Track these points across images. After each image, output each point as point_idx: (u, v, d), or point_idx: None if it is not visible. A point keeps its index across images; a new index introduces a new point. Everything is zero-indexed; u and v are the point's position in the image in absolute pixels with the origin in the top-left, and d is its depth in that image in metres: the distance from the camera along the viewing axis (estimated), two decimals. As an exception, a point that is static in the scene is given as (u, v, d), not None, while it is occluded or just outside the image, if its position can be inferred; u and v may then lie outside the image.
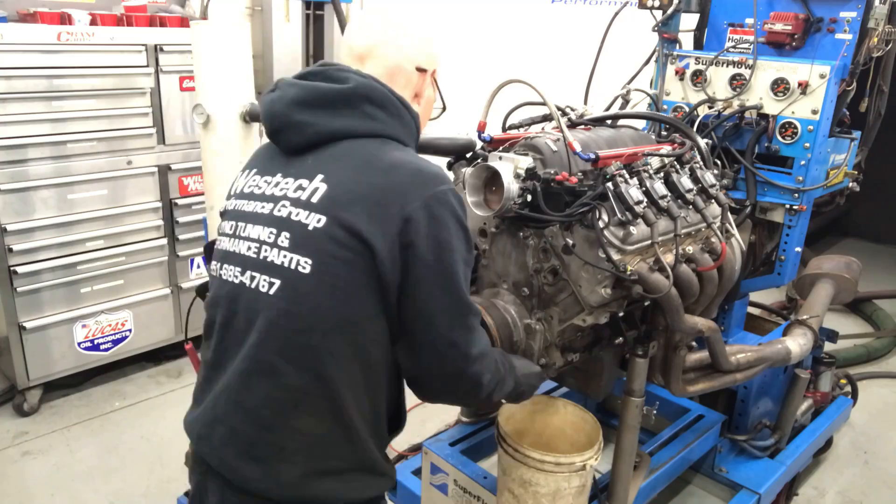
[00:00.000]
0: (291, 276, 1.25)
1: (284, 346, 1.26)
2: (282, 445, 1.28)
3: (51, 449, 3.23)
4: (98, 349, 3.61)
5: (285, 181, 1.33)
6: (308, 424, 1.28)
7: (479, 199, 1.74)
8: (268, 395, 1.28)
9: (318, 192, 1.27)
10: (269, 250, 1.29)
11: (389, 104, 1.34)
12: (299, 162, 1.33)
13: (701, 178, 1.88)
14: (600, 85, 2.62)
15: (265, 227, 1.31)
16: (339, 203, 1.24)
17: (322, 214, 1.24)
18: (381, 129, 1.33)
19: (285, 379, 1.26)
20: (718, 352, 2.05)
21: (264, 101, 1.37)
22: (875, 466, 3.39)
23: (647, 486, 2.25)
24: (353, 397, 1.29)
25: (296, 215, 1.27)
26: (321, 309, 1.24)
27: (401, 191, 1.24)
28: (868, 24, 2.35)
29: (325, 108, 1.31)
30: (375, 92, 1.33)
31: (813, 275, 2.92)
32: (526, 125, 2.09)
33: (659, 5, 2.62)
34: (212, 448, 1.35)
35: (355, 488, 1.34)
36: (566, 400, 2.07)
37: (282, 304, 1.26)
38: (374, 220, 1.22)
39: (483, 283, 1.94)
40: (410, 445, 3.27)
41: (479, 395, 1.41)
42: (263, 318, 1.27)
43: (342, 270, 1.23)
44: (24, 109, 3.14)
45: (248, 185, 1.41)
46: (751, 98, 2.47)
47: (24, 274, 3.26)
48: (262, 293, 1.28)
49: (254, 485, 1.30)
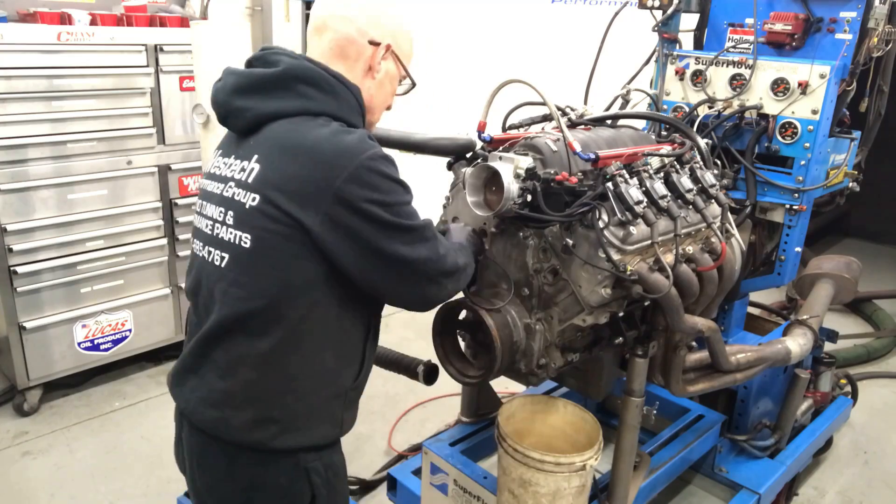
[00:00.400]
0: (236, 250, 1.39)
1: (237, 311, 1.39)
2: (233, 394, 1.43)
3: (51, 449, 3.23)
4: (98, 349, 3.61)
5: (234, 162, 1.45)
6: (254, 377, 1.41)
7: (479, 199, 1.74)
8: (224, 351, 1.43)
9: (253, 172, 1.38)
10: (220, 227, 1.43)
11: (322, 81, 1.41)
12: (244, 144, 1.44)
13: (701, 178, 1.88)
14: (600, 85, 2.62)
15: (217, 206, 1.45)
16: (269, 183, 1.35)
17: (256, 193, 1.36)
18: (314, 106, 1.40)
19: (237, 338, 1.41)
20: (718, 352, 2.05)
21: (212, 89, 1.50)
22: (875, 466, 3.39)
23: (647, 486, 2.25)
24: (299, 355, 1.41)
25: (237, 195, 1.39)
26: (264, 278, 1.36)
27: (326, 167, 1.31)
28: (868, 24, 2.35)
29: (259, 92, 1.41)
30: (307, 72, 1.41)
31: (813, 275, 2.92)
32: (526, 125, 2.09)
33: (659, 5, 2.62)
34: (182, 394, 1.51)
35: (301, 436, 1.46)
36: (566, 400, 2.06)
37: (231, 274, 1.40)
38: (305, 198, 1.32)
39: (483, 283, 1.94)
40: (410, 445, 3.27)
41: (460, 279, 1.57)
42: (219, 288, 1.42)
43: (278, 243, 1.34)
44: (24, 109, 3.14)
45: (213, 167, 1.53)
46: (751, 98, 2.47)
47: (24, 274, 3.26)
48: (216, 266, 1.43)
49: (211, 427, 1.45)
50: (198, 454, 1.52)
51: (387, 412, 3.53)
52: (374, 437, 3.36)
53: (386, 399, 3.62)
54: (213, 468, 1.50)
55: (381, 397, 3.62)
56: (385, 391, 3.67)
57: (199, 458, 1.52)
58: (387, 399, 3.62)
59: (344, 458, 1.61)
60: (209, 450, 1.49)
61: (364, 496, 3.00)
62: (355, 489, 2.98)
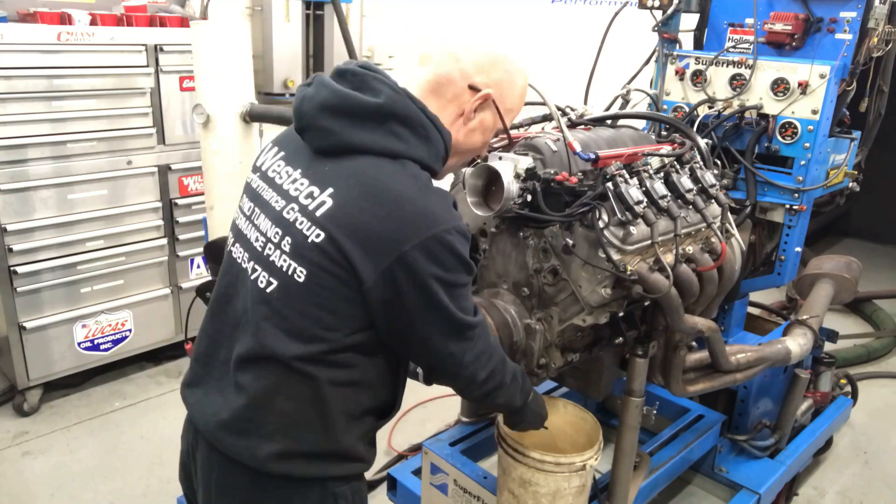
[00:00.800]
0: (288, 281, 1.32)
1: (275, 341, 1.33)
2: (263, 423, 1.37)
3: (51, 449, 3.23)
4: (98, 349, 3.61)
5: (301, 181, 1.36)
6: (288, 408, 1.36)
7: (479, 199, 1.74)
8: (257, 378, 1.36)
9: (324, 206, 1.30)
10: (273, 250, 1.35)
11: (417, 123, 1.35)
12: (318, 165, 1.36)
13: (701, 178, 1.88)
14: (600, 85, 2.62)
15: (273, 225, 1.36)
16: (339, 225, 1.27)
17: (322, 231, 1.28)
18: (403, 149, 1.33)
19: (273, 367, 1.34)
20: (718, 352, 2.05)
21: (297, 94, 1.40)
22: (875, 466, 3.39)
23: (647, 486, 2.25)
24: (334, 391, 1.36)
25: (300, 223, 1.32)
26: (309, 314, 1.31)
27: (403, 228, 1.26)
28: (868, 24, 2.35)
29: (350, 118, 1.32)
30: (406, 111, 1.34)
31: (813, 275, 2.92)
32: (526, 125, 2.09)
33: (659, 5, 2.62)
34: (203, 415, 1.44)
35: (326, 469, 1.42)
36: (566, 400, 2.06)
37: (276, 303, 1.33)
38: (369, 251, 1.26)
39: (483, 283, 1.94)
40: (410, 445, 3.27)
41: (474, 391, 1.50)
42: (259, 311, 1.35)
43: (332, 283, 1.29)
44: (24, 109, 3.14)
45: (273, 169, 1.44)
46: (751, 98, 2.47)
47: (24, 274, 3.26)
48: (260, 288, 1.36)
49: (234, 453, 1.39)
50: (217, 476, 1.45)
51: (387, 412, 3.53)
52: (374, 437, 3.36)
53: (386, 399, 3.61)
54: (235, 491, 1.43)
55: (381, 397, 3.61)
56: (385, 391, 3.67)
57: (218, 479, 1.45)
58: (387, 399, 3.61)
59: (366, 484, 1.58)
60: (232, 473, 1.42)
61: (364, 496, 3.00)
62: (355, 489, 2.98)
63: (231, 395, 1.39)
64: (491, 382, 1.49)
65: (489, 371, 1.47)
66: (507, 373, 1.55)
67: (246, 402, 1.37)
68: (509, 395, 1.59)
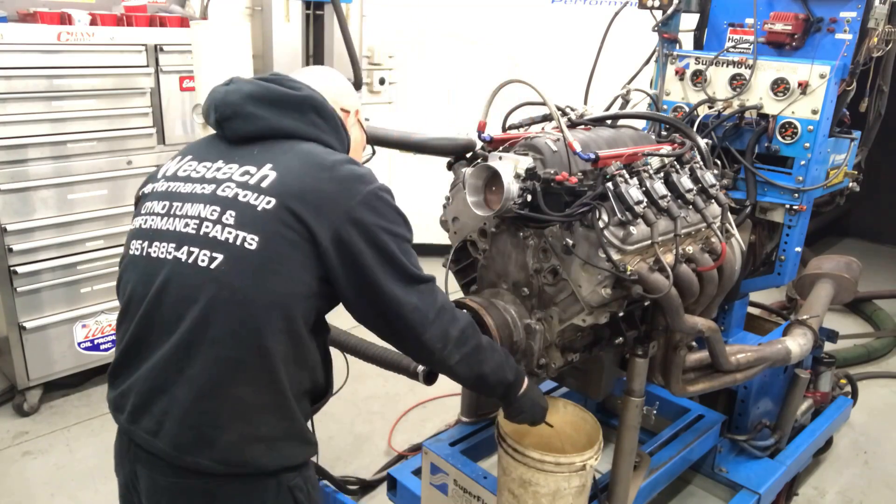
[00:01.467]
0: (236, 251, 1.32)
1: (227, 318, 1.32)
2: (219, 412, 1.35)
3: (51, 449, 3.23)
4: (98, 349, 3.61)
5: (228, 166, 1.42)
6: (244, 393, 1.35)
7: (479, 199, 1.74)
8: (209, 364, 1.33)
9: (267, 178, 1.36)
10: (212, 226, 1.35)
11: (331, 118, 1.51)
12: (244, 151, 1.43)
13: (701, 178, 1.88)
14: (600, 85, 2.62)
15: (207, 204, 1.38)
16: (289, 190, 1.34)
17: (272, 197, 1.33)
18: (324, 137, 1.48)
19: (226, 350, 1.32)
20: (718, 352, 2.05)
21: (216, 91, 1.47)
22: (875, 466, 3.39)
23: (647, 486, 2.25)
24: (286, 369, 1.37)
25: (243, 196, 1.35)
26: (263, 284, 1.32)
27: (344, 187, 1.36)
28: (868, 24, 2.35)
29: (277, 107, 1.44)
30: (323, 105, 1.49)
31: (813, 275, 2.92)
32: (526, 125, 2.09)
33: (659, 5, 2.62)
34: (146, 424, 1.39)
35: (284, 455, 1.42)
36: (566, 400, 2.07)
37: (224, 277, 1.32)
38: (321, 212, 1.33)
39: (483, 283, 1.94)
40: (410, 445, 3.27)
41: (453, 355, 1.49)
42: (205, 291, 1.32)
43: (286, 249, 1.32)
44: (24, 109, 3.14)
45: (183, 170, 1.48)
46: (751, 98, 2.47)
47: (24, 274, 3.26)
48: (200, 267, 1.34)
49: (189, 449, 1.35)
50: (168, 499, 1.41)
51: (387, 412, 3.53)
52: (374, 437, 3.36)
53: (386, 399, 3.62)
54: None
55: (381, 397, 3.62)
56: (385, 391, 3.68)
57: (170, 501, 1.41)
58: (387, 399, 3.62)
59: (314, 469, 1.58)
60: (183, 490, 1.39)
61: (364, 496, 3.00)
62: (355, 489, 2.98)
63: (178, 390, 1.34)
64: (468, 342, 1.51)
65: (461, 329, 1.49)
66: (481, 337, 1.57)
67: (197, 392, 1.33)
68: (495, 363, 1.58)
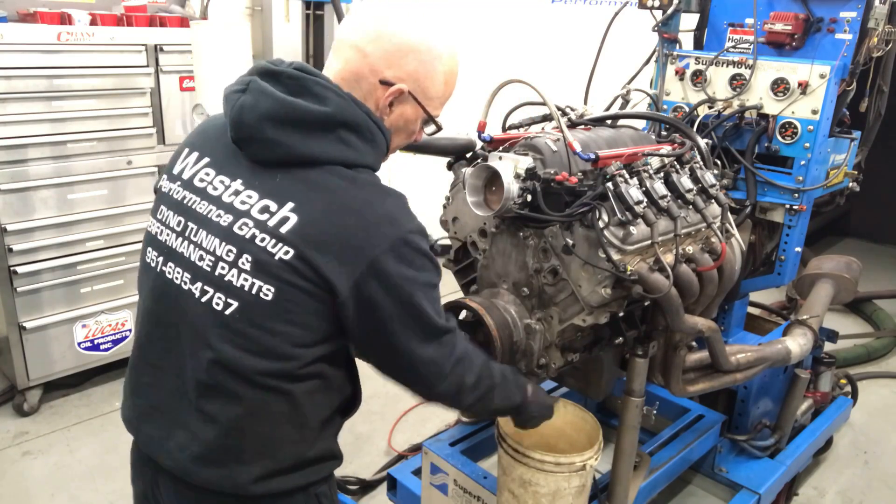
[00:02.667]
0: (251, 300, 1.25)
1: (241, 366, 1.27)
2: (241, 449, 1.32)
3: (51, 449, 3.23)
4: (98, 349, 3.61)
5: (247, 193, 1.28)
6: (266, 429, 1.32)
7: (479, 199, 1.74)
8: (228, 405, 1.30)
9: (287, 222, 1.24)
10: (228, 269, 1.27)
11: (364, 129, 1.31)
12: (266, 176, 1.28)
13: (701, 178, 1.88)
14: (600, 85, 2.62)
15: (224, 242, 1.28)
16: (309, 241, 1.23)
17: (291, 248, 1.23)
18: (355, 157, 1.30)
19: (244, 393, 1.29)
20: (718, 352, 2.05)
21: (232, 103, 1.29)
22: (875, 466, 3.39)
23: (647, 486, 2.25)
24: (311, 401, 1.34)
25: (261, 240, 1.24)
26: (278, 331, 1.26)
27: (371, 234, 1.24)
28: (868, 24, 2.35)
29: (299, 129, 1.26)
30: (354, 117, 1.29)
31: (813, 275, 2.92)
32: (526, 125, 2.09)
33: (659, 5, 2.62)
34: (167, 452, 1.36)
35: (312, 472, 1.40)
36: (566, 400, 2.07)
37: (237, 325, 1.26)
38: (343, 261, 1.23)
39: (483, 283, 1.94)
40: (410, 445, 3.27)
41: (468, 398, 1.46)
42: (218, 336, 1.27)
43: (302, 298, 1.24)
44: (24, 109, 3.14)
45: (200, 178, 1.35)
46: (751, 98, 2.47)
47: (24, 274, 3.26)
48: (216, 311, 1.27)
49: (212, 484, 1.34)
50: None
51: (387, 412, 3.53)
52: (374, 436, 3.36)
53: (386, 399, 3.61)
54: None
55: (381, 397, 3.61)
56: (385, 391, 3.66)
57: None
58: (387, 399, 3.61)
59: None
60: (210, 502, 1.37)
61: (364, 496, 3.00)
62: (355, 489, 2.98)
63: (197, 426, 1.31)
64: (482, 386, 1.47)
65: (476, 375, 1.44)
66: (495, 374, 1.52)
67: (218, 432, 1.30)
68: (505, 394, 1.57)
